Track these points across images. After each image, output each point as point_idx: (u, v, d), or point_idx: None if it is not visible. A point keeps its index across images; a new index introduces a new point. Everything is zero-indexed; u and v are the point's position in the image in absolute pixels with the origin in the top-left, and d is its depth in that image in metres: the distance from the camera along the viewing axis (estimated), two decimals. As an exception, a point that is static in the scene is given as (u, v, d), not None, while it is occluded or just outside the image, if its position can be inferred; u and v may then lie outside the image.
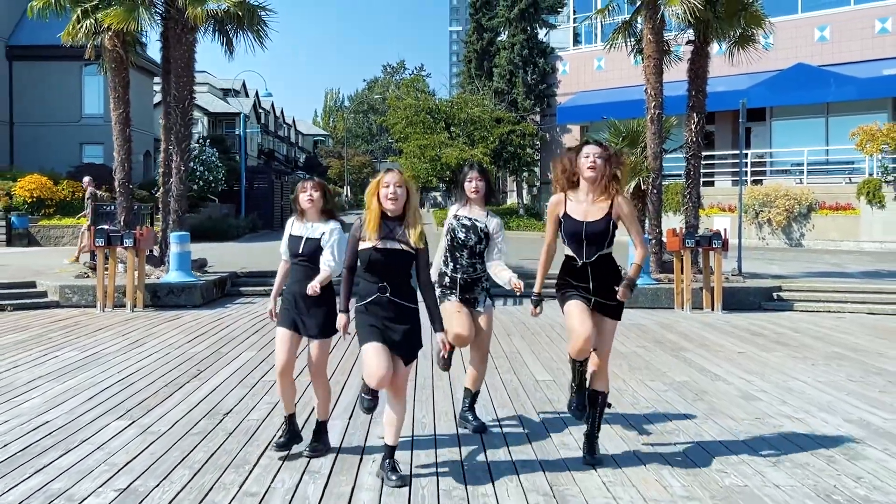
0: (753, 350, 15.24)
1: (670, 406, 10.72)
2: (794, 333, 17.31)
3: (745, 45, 24.99)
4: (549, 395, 11.42)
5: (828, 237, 38.38)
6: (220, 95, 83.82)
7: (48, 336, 16.39)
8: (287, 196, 61.44)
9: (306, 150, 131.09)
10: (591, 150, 8.27)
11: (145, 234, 21.51)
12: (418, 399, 11.14)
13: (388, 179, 7.73)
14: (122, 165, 24.54)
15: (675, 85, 26.43)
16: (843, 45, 43.32)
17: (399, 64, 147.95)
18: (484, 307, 9.53)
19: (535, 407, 10.72)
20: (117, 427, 9.64)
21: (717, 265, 20.99)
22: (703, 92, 24.42)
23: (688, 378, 12.55)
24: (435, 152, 56.32)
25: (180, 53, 24.05)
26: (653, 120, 24.01)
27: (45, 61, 48.12)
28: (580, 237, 8.24)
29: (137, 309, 20.62)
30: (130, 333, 16.87)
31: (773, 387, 12.01)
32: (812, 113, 43.66)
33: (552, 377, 12.62)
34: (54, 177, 41.98)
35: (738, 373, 13.03)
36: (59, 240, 38.94)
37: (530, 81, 58.87)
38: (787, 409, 10.61)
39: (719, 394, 11.52)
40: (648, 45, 23.92)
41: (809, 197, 39.07)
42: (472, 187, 9.49)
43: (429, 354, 14.24)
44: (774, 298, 22.06)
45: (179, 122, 24.10)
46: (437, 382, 12.13)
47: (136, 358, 14.05)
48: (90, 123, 49.03)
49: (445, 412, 10.39)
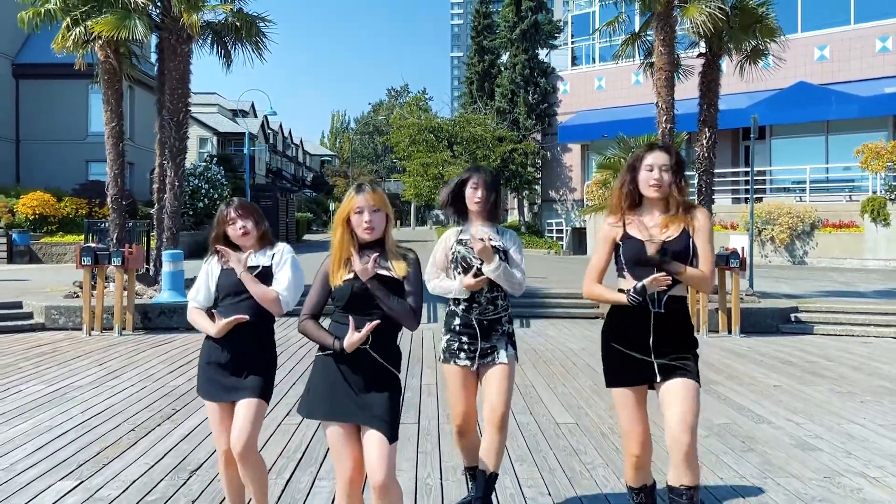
0: (789, 383, 13.11)
1: (717, 459, 8.56)
2: (828, 362, 15.17)
3: (757, 60, 23.31)
4: (573, 443, 9.26)
5: (831, 255, 36.47)
6: (229, 116, 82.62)
7: (18, 366, 14.30)
8: (292, 213, 60.08)
9: (314, 169, 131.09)
10: (656, 159, 5.79)
11: (134, 252, 19.51)
12: (422, 450, 8.94)
13: (360, 203, 5.33)
14: (115, 181, 22.65)
15: (682, 103, 24.70)
16: (844, 64, 42.01)
17: (403, 87, 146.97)
18: (507, 358, 6.65)
19: (559, 461, 8.55)
20: (59, 490, 7.54)
21: (735, 286, 19.02)
22: (714, 105, 22.72)
23: (728, 420, 10.39)
24: (438, 170, 56.00)
25: (175, 65, 22.17)
26: (664, 134, 21.98)
27: (51, 80, 46.39)
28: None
29: (126, 332, 18.65)
30: (109, 362, 14.78)
31: (828, 431, 9.87)
32: (812, 131, 42.09)
33: (574, 419, 10.45)
34: (58, 194, 40.40)
35: (783, 412, 10.90)
36: (61, 257, 37.53)
37: (531, 101, 57.65)
38: (857, 465, 8.48)
39: (770, 442, 9.37)
40: (660, 58, 21.94)
41: (812, 215, 37.23)
42: (477, 197, 6.64)
43: (434, 389, 12.24)
44: (792, 320, 20.07)
45: (174, 136, 22.17)
46: (445, 426, 9.92)
47: (106, 394, 11.92)
48: (96, 141, 46.71)
49: (454, 468, 8.23)
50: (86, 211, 39.93)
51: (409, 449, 8.94)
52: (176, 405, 11.19)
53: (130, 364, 14.57)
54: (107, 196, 23.11)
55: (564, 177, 56.00)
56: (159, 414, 10.65)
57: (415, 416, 10.49)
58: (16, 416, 10.51)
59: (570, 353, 15.78)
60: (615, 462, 8.41)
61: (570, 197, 54.98)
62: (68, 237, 38.39)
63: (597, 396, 11.83)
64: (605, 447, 9.04)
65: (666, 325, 5.73)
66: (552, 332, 18.68)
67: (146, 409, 10.91)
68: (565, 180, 55.85)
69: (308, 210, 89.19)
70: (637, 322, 5.75)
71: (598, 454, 8.79)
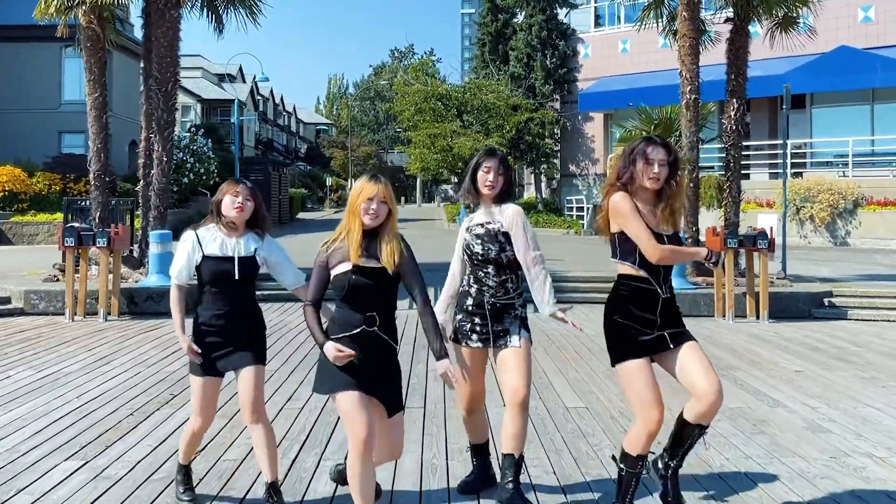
0: (813, 368, 14.06)
1: (725, 441, 9.50)
2: (857, 348, 16.12)
3: (789, 28, 24.06)
4: (582, 426, 10.23)
5: (876, 235, 37.18)
6: (214, 81, 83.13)
7: (2, 352, 15.30)
8: (285, 188, 60.58)
9: (308, 139, 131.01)
10: (656, 154, 6.74)
11: (121, 232, 20.40)
12: (427, 433, 9.93)
13: (373, 192, 6.54)
14: (98, 156, 23.58)
15: (710, 69, 25.47)
16: (890, 27, 42.64)
17: (408, 48, 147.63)
18: (521, 341, 7.41)
19: (566, 442, 9.52)
20: (65, 470, 8.50)
21: (763, 268, 19.89)
22: (743, 75, 23.40)
23: (742, 404, 11.33)
24: (446, 142, 56.14)
25: (163, 31, 23.05)
26: (688, 106, 22.83)
27: (20, 42, 47.34)
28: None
29: (112, 317, 19.63)
30: (98, 348, 15.79)
31: (843, 415, 10.82)
32: (856, 100, 42.81)
33: (584, 403, 11.43)
34: (29, 168, 41.23)
35: (800, 397, 11.84)
36: (32, 238, 38.38)
37: (549, 65, 58.07)
38: (865, 446, 9.42)
39: (782, 424, 10.32)
40: (683, 24, 22.78)
41: (855, 191, 37.94)
42: (488, 181, 7.36)
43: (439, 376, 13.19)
44: (825, 305, 20.98)
45: (161, 108, 23.04)
46: (450, 410, 10.91)
47: (100, 379, 12.91)
48: (70, 110, 47.86)
49: (459, 450, 9.18)
50: (60, 187, 40.70)
51: (415, 431, 9.88)
52: (173, 390, 12.14)
53: (121, 349, 15.55)
54: (87, 172, 23.88)
55: (586, 149, 56.60)
56: (156, 399, 11.59)
57: (420, 401, 11.45)
58: (9, 400, 11.47)
59: (586, 338, 16.70)
60: (622, 444, 9.37)
61: (591, 171, 55.63)
62: (41, 216, 39.16)
63: (609, 381, 12.77)
64: (613, 430, 9.98)
65: (668, 308, 6.84)
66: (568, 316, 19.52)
67: (143, 395, 11.88)
68: (587, 152, 56.48)
69: (302, 185, 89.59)
70: (646, 306, 6.80)
71: (606, 436, 9.75)
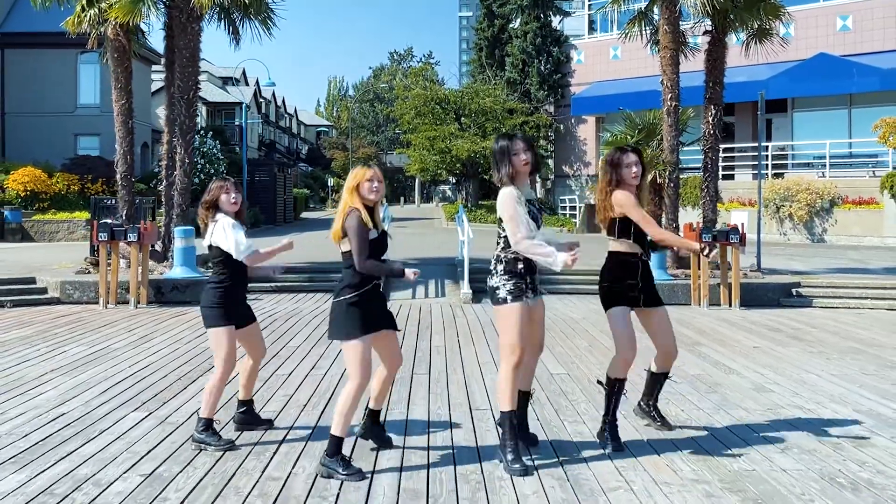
0: (769, 345, 15.85)
1: (683, 398, 11.27)
2: (811, 329, 17.90)
3: (763, 39, 25.52)
4: (563, 387, 12.02)
5: (850, 232, 38.91)
6: (219, 84, 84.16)
7: (53, 332, 17.04)
8: (289, 189, 61.68)
9: (309, 141, 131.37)
10: (633, 159, 9.04)
11: (149, 228, 22.14)
12: (433, 392, 11.75)
13: (371, 174, 8.26)
14: (125, 158, 25.31)
15: (694, 75, 26.99)
16: (867, 35, 44.05)
17: (407, 51, 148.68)
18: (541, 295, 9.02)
19: (549, 399, 11.30)
20: (135, 418, 10.25)
21: (735, 261, 21.52)
22: (720, 83, 24.98)
23: (702, 371, 13.15)
24: (444, 144, 57.14)
25: (185, 43, 24.61)
26: (669, 112, 24.52)
27: (39, 49, 48.69)
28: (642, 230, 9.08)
29: (141, 305, 21.28)
30: (137, 329, 17.53)
31: (787, 380, 12.60)
32: (834, 104, 44.41)
33: (566, 370, 13.24)
34: (48, 169, 42.46)
35: (753, 367, 13.62)
36: (53, 235, 39.51)
37: (544, 71, 59.53)
38: (799, 401, 11.20)
39: (732, 386, 12.11)
40: (665, 36, 24.43)
41: (832, 191, 39.67)
42: (523, 160, 8.48)
43: (443, 350, 14.95)
44: (793, 295, 22.56)
45: (184, 114, 24.69)
46: (452, 376, 12.78)
47: (145, 353, 14.70)
48: (86, 114, 49.59)
49: (460, 403, 11.01)
50: (78, 187, 41.97)
51: (422, 391, 11.69)
52: (212, 362, 13.82)
53: (157, 331, 17.29)
54: (103, 172, 25.50)
55: (578, 151, 58.18)
56: (198, 368, 13.33)
57: (426, 369, 13.26)
58: (72, 368, 13.25)
59: (572, 321, 18.52)
60: (595, 399, 11.04)
61: (584, 172, 57.18)
62: (60, 214, 40.47)
63: (590, 354, 14.63)
64: (589, 390, 11.71)
65: (645, 271, 9.26)
66: (559, 305, 21.14)
67: (186, 364, 13.66)
68: (579, 154, 58.08)
69: (304, 186, 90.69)
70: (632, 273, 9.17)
71: (583, 395, 11.52)
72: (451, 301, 22.27)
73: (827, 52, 43.35)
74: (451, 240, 35.09)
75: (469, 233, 23.48)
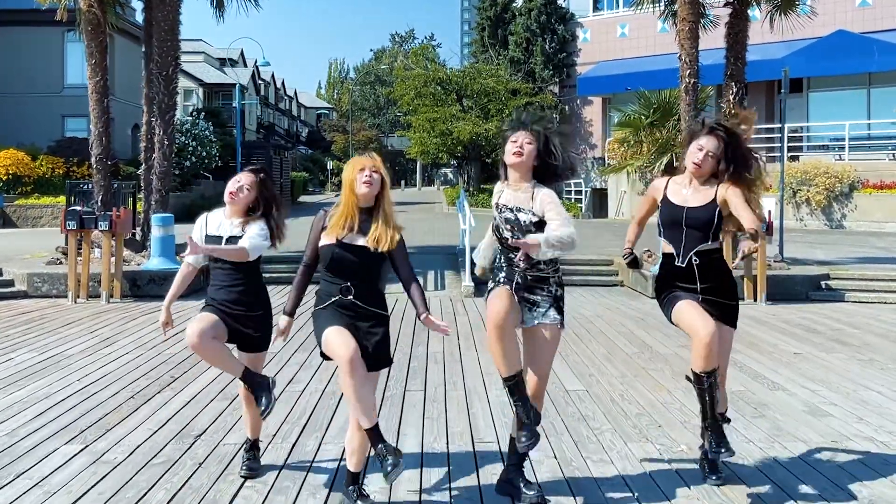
0: (811, 351, 13.94)
1: (727, 425, 9.36)
2: (854, 330, 15.99)
3: (788, 11, 23.91)
4: (582, 409, 10.07)
5: (871, 218, 37.03)
6: (216, 65, 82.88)
7: (6, 333, 15.21)
8: (287, 172, 60.49)
9: (309, 123, 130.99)
10: (708, 143, 7.27)
11: (122, 215, 20.32)
12: (428, 416, 9.80)
13: (365, 162, 6.82)
14: (100, 139, 23.49)
15: (709, 53, 25.40)
16: (887, 10, 42.62)
17: (408, 33, 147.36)
18: (550, 318, 7.15)
19: (567, 426, 9.36)
20: (65, 454, 8.38)
21: (762, 251, 19.76)
22: (742, 59, 23.24)
23: (742, 387, 11.18)
24: (446, 126, 56.09)
25: (164, 14, 22.86)
26: (687, 90, 22.66)
27: (23, 27, 47.08)
28: (680, 224, 7.37)
29: (114, 299, 19.55)
30: (101, 330, 15.70)
31: (844, 398, 10.68)
32: (853, 84, 42.76)
33: (584, 386, 11.28)
34: (33, 152, 41.10)
35: (800, 380, 11.71)
36: (36, 220, 38.31)
37: (549, 50, 58.12)
38: (866, 429, 9.28)
39: (783, 407, 10.20)
40: (683, 7, 22.60)
41: (851, 175, 37.77)
42: (514, 149, 6.90)
43: (441, 357, 13.08)
44: (823, 287, 20.86)
45: (163, 92, 22.91)
46: (451, 393, 10.82)
47: (102, 361, 12.81)
48: (73, 94, 47.55)
49: (460, 433, 9.08)
50: (63, 170, 40.67)
51: (415, 415, 9.77)
52: (174, 373, 12.02)
53: (123, 332, 15.44)
54: (90, 155, 23.80)
55: (584, 133, 56.56)
56: (157, 382, 11.46)
57: (421, 384, 11.33)
58: (10, 383, 11.33)
59: (584, 319, 16.61)
60: (623, 426, 9.22)
61: (589, 154, 55.38)
62: (44, 199, 39.16)
63: (609, 364, 12.69)
64: (613, 413, 9.85)
65: (708, 269, 7.38)
66: (567, 299, 19.36)
67: (144, 377, 11.74)
68: (585, 136, 56.44)
69: (303, 169, 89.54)
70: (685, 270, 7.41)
71: (607, 419, 9.61)
72: (452, 294, 20.59)
73: (846, 29, 41.57)
74: (452, 225, 33.34)
75: (471, 220, 21.75)
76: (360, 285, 6.80)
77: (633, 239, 7.83)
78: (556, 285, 7.24)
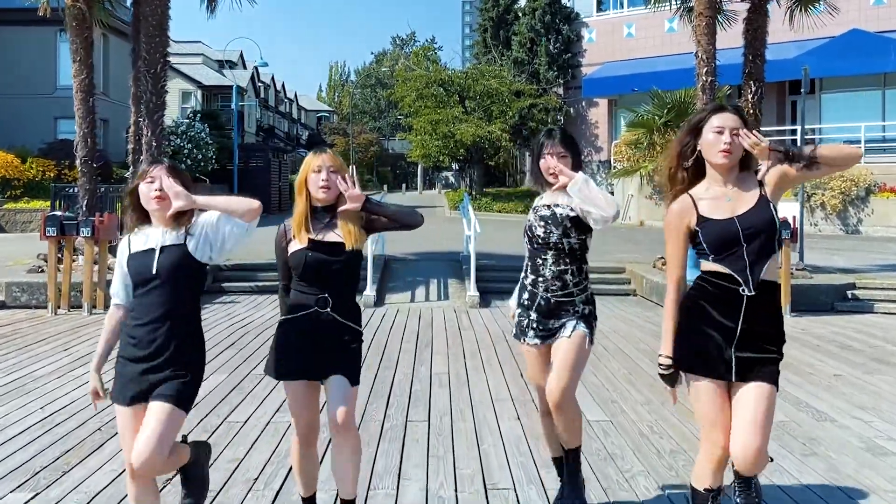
0: (852, 372, 12.72)
1: (776, 466, 8.06)
2: (893, 347, 14.77)
3: (808, 7, 22.95)
4: (608, 445, 8.83)
5: (889, 223, 35.92)
6: (215, 67, 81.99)
7: (-28, 351, 13.92)
8: (285, 175, 59.72)
9: (310, 126, 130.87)
10: (726, 121, 5.46)
11: (107, 220, 19.19)
12: (433, 454, 8.54)
13: (318, 163, 5.99)
14: (85, 140, 22.38)
15: (722, 53, 24.40)
16: (904, 9, 41.39)
17: (409, 36, 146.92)
18: (570, 332, 6.50)
19: (592, 467, 8.08)
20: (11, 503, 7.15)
21: (786, 259, 18.68)
22: (761, 56, 22.30)
23: (785, 417, 9.91)
24: (448, 128, 55.36)
25: (151, 9, 21.68)
26: (704, 88, 21.54)
27: (15, 26, 46.10)
28: (738, 240, 5.41)
29: (97, 310, 18.45)
30: (77, 346, 14.46)
31: (902, 431, 9.47)
32: (868, 84, 41.95)
33: (608, 416, 10.03)
34: (23, 154, 40.26)
35: (847, 408, 10.48)
36: (26, 225, 37.49)
37: (553, 50, 57.42)
38: (938, 472, 8.08)
39: (835, 444, 8.94)
40: (700, 2, 21.49)
41: (868, 178, 36.63)
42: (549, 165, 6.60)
43: (446, 380, 11.89)
44: (849, 297, 19.82)
45: (151, 90, 21.68)
46: (459, 424, 9.56)
47: (72, 384, 11.54)
48: (66, 95, 46.49)
49: (471, 475, 7.85)
50: (54, 173, 39.93)
51: (419, 453, 8.54)
52: (150, 399, 10.81)
53: (100, 349, 14.23)
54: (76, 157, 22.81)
55: (590, 135, 55.79)
56: (131, 409, 10.26)
57: (424, 412, 10.10)
58: (-35, 412, 10.12)
59: (600, 335, 15.27)
60: (657, 469, 8.02)
61: (595, 157, 54.67)
62: (34, 203, 38.35)
63: (632, 387, 11.50)
64: (644, 450, 8.64)
65: (759, 304, 5.45)
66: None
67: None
68: (591, 139, 55.64)
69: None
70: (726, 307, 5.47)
71: (637, 459, 8.38)
72: (456, 305, 19.48)
73: (860, 28, 40.58)
74: (454, 230, 32.24)
75: (476, 226, 20.66)
76: (338, 297, 5.99)
77: (671, 331, 5.73)
78: (583, 304, 6.58)
